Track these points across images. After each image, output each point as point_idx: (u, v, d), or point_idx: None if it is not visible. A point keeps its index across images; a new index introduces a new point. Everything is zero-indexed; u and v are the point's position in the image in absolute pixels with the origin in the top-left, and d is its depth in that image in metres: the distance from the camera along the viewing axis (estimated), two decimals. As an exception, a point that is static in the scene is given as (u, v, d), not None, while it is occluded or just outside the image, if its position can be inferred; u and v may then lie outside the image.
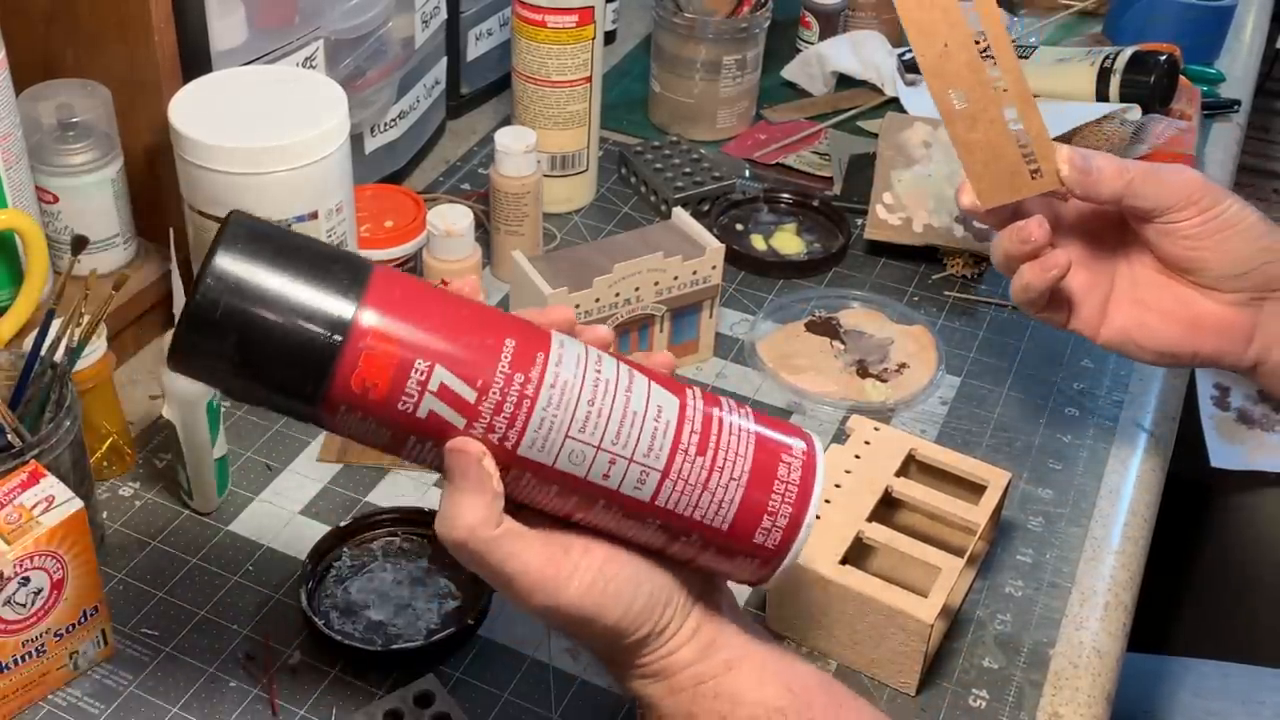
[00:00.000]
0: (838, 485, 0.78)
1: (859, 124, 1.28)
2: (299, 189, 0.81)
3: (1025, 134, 0.73)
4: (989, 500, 0.78)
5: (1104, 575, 0.81)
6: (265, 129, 0.80)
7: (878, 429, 0.83)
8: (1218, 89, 1.36)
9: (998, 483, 0.79)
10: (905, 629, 0.71)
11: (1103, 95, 1.22)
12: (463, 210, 0.91)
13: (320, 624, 0.73)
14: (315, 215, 0.82)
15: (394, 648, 0.73)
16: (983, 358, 0.99)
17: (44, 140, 0.85)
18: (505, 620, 0.76)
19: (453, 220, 0.90)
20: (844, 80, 1.33)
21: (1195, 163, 1.19)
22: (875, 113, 1.28)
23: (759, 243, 1.09)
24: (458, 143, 1.22)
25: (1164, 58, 1.21)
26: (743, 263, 1.06)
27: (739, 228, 1.11)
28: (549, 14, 1.04)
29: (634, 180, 1.16)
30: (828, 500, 0.76)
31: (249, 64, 0.90)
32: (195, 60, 0.87)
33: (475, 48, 1.22)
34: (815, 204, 1.13)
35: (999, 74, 0.72)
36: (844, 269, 1.08)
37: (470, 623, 0.74)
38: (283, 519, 0.82)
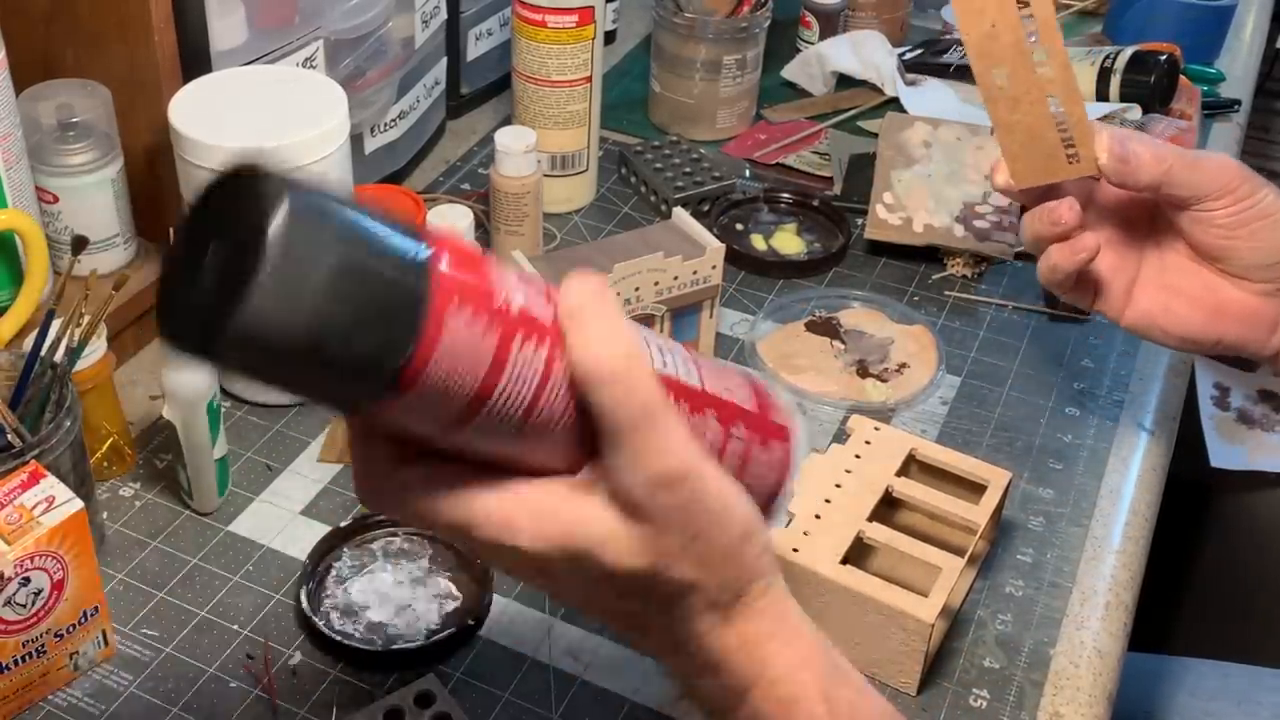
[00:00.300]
0: (838, 485, 0.78)
1: (859, 124, 1.28)
2: (299, 189, 0.81)
3: (1065, 117, 0.73)
4: (989, 500, 0.78)
5: (1105, 575, 0.81)
6: (265, 129, 0.80)
7: (878, 429, 0.83)
8: (1218, 89, 1.36)
9: (998, 482, 0.79)
10: (906, 629, 0.71)
11: (1103, 95, 1.22)
12: (463, 210, 0.91)
13: (320, 624, 0.73)
14: (315, 215, 0.82)
15: (394, 648, 0.73)
16: (983, 357, 0.99)
17: (44, 140, 0.85)
18: (505, 620, 0.76)
19: (453, 220, 0.90)
20: (844, 80, 1.33)
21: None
22: (875, 113, 1.28)
23: (759, 243, 1.09)
24: (458, 143, 1.22)
25: (1164, 57, 1.21)
26: (743, 263, 1.06)
27: (739, 228, 1.11)
28: (549, 14, 1.04)
29: (634, 180, 1.16)
30: (828, 500, 0.76)
31: (249, 64, 0.90)
32: (195, 60, 0.87)
33: (475, 48, 1.22)
34: (815, 204, 1.13)
35: (1044, 58, 0.72)
36: (844, 269, 1.08)
37: (470, 623, 0.74)
38: (283, 519, 0.82)
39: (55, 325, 0.73)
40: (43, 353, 0.73)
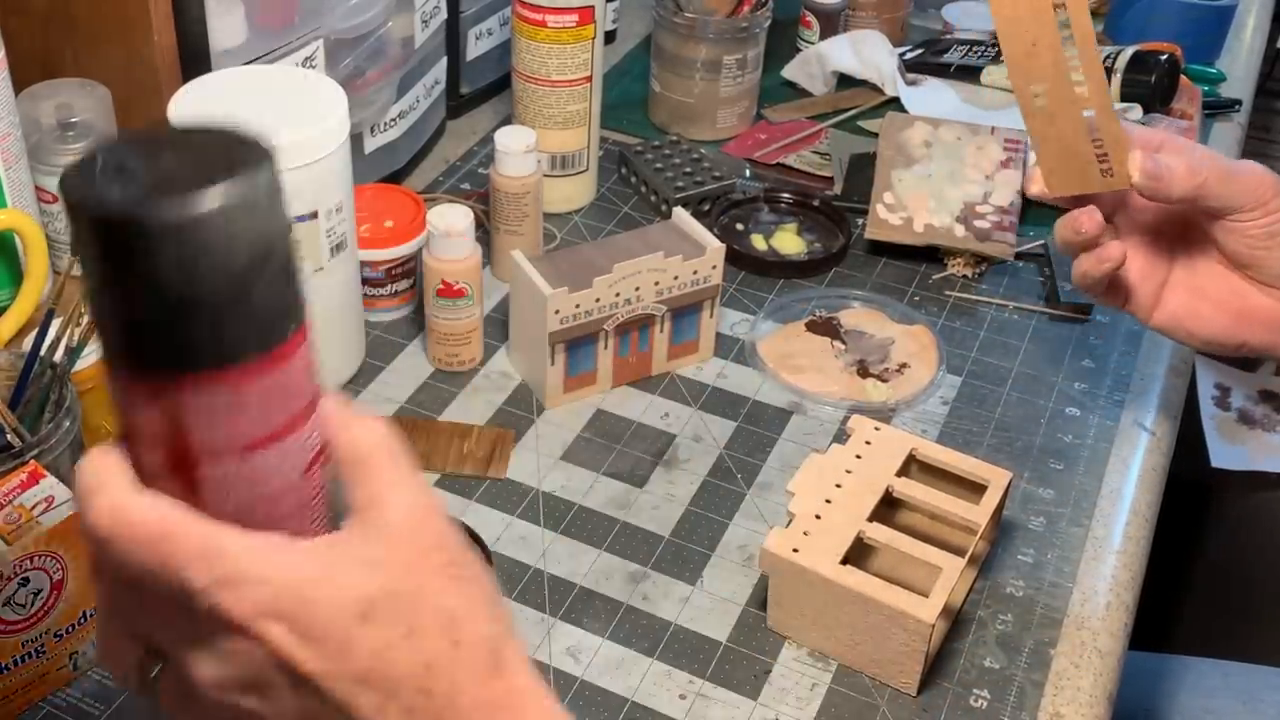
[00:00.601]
0: (838, 485, 0.78)
1: (859, 124, 1.28)
2: (299, 189, 0.81)
3: (1100, 133, 0.73)
4: (990, 500, 0.78)
5: (1105, 575, 0.81)
6: (265, 129, 0.80)
7: (878, 429, 0.82)
8: (1218, 89, 1.36)
9: (999, 482, 0.79)
10: (906, 629, 0.71)
11: (1103, 95, 1.22)
12: (463, 210, 0.91)
13: (320, 624, 0.73)
14: (315, 215, 0.82)
15: (394, 648, 0.72)
16: (983, 358, 0.99)
17: (43, 140, 0.85)
18: (505, 620, 0.76)
19: (453, 220, 0.90)
20: (844, 80, 1.33)
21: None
22: (875, 112, 1.28)
23: (759, 243, 1.09)
24: (458, 143, 1.22)
25: (1165, 57, 1.21)
26: (743, 263, 1.06)
27: (739, 228, 1.11)
28: (549, 14, 1.04)
29: (634, 180, 1.16)
30: (828, 500, 0.76)
31: (249, 64, 0.90)
32: (195, 60, 0.87)
33: (475, 47, 1.22)
34: (816, 204, 1.12)
35: (1081, 77, 0.72)
36: (844, 269, 1.08)
37: (470, 623, 0.74)
38: (283, 519, 0.82)
39: (55, 325, 0.73)
40: (42, 352, 0.73)
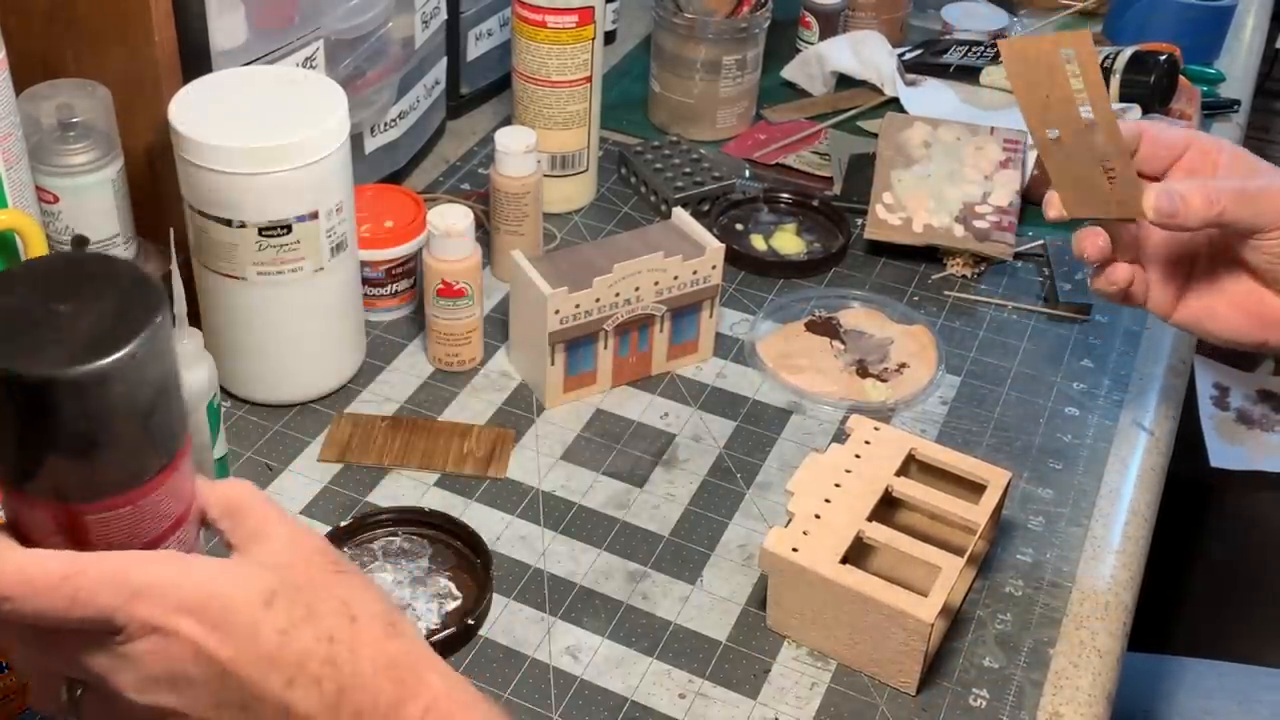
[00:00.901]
0: (838, 485, 0.78)
1: (859, 124, 1.28)
2: (299, 189, 0.81)
3: (1116, 171, 0.73)
4: (989, 500, 0.78)
5: (1104, 575, 0.81)
6: (265, 129, 0.80)
7: (878, 429, 0.83)
8: (1218, 89, 1.36)
9: (998, 482, 0.79)
10: (905, 628, 0.71)
11: (1102, 95, 1.22)
12: (463, 210, 0.91)
13: (320, 624, 0.73)
14: (315, 215, 0.82)
15: (394, 647, 0.73)
16: (983, 357, 0.99)
17: (44, 140, 0.85)
18: (505, 620, 0.76)
19: (453, 220, 0.90)
20: (844, 80, 1.33)
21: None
22: (875, 113, 1.28)
23: (759, 243, 1.09)
24: (458, 143, 1.22)
25: (1164, 58, 1.21)
26: (743, 263, 1.06)
27: (739, 228, 1.11)
28: (549, 14, 1.04)
29: (634, 180, 1.16)
30: (828, 500, 0.77)
31: (249, 64, 0.90)
32: (195, 60, 0.87)
33: (475, 48, 1.22)
34: (815, 204, 1.13)
35: (1099, 131, 0.72)
36: (844, 269, 1.08)
37: (470, 623, 0.74)
38: (283, 519, 0.82)
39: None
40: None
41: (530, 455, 0.88)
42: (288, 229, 0.82)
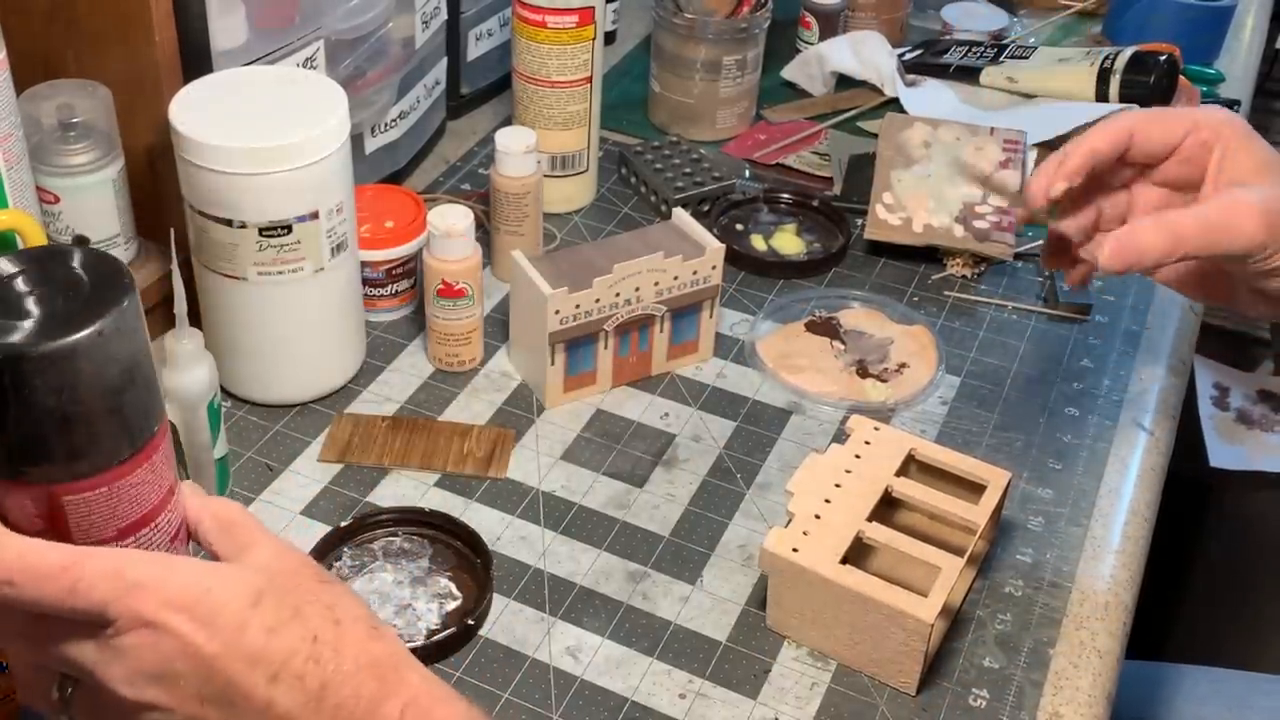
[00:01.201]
0: (838, 485, 0.78)
1: (859, 124, 1.28)
2: (299, 189, 0.81)
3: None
4: (989, 500, 0.78)
5: (1104, 575, 0.81)
6: (265, 129, 0.80)
7: (878, 429, 0.83)
8: (1217, 89, 1.36)
9: (998, 482, 0.79)
10: (905, 628, 0.71)
11: (1103, 96, 1.22)
12: (463, 210, 0.91)
13: (321, 624, 0.73)
14: (315, 215, 0.82)
15: (394, 647, 0.73)
16: (983, 358, 0.99)
17: (45, 140, 0.85)
18: (505, 620, 0.76)
19: (453, 220, 0.90)
20: (844, 80, 1.33)
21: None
22: (875, 113, 1.28)
23: (759, 243, 1.09)
24: (458, 143, 1.22)
25: (1164, 58, 1.21)
26: (743, 263, 1.06)
27: (739, 228, 1.11)
28: (549, 14, 1.04)
29: (634, 180, 1.16)
30: (828, 500, 0.77)
31: (249, 64, 0.90)
32: (195, 60, 0.87)
33: (475, 48, 1.22)
34: (815, 204, 1.13)
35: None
36: (844, 269, 1.08)
37: (470, 623, 0.74)
38: (283, 519, 0.82)
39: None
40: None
41: (530, 455, 0.88)
42: (288, 229, 0.82)
